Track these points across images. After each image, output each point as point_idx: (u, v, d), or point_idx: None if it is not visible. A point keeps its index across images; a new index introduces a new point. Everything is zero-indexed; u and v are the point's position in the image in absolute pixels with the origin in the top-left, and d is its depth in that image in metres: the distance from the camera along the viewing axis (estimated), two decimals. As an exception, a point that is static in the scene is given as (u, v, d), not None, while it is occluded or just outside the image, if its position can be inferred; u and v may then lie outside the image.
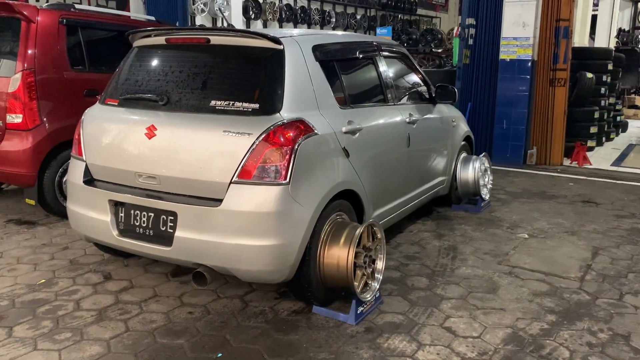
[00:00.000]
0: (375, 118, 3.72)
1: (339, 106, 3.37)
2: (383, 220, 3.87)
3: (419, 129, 4.29)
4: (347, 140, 3.32)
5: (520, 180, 6.82)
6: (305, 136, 2.95)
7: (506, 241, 4.48)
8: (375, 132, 3.66)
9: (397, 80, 4.36)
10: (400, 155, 4.03)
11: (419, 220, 5.01)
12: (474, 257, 4.09)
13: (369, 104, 3.80)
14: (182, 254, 2.97)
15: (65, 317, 3.08)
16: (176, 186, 3.01)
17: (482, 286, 3.58)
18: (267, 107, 2.95)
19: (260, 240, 2.81)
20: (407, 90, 4.50)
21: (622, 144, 9.82)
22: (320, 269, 3.06)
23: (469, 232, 4.68)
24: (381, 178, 3.75)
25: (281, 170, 2.82)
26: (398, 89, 4.23)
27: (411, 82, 4.64)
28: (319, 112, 3.18)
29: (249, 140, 2.83)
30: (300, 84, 3.10)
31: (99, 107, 3.51)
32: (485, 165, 5.45)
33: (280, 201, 2.81)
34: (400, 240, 4.45)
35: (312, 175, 2.97)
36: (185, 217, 2.94)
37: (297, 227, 2.88)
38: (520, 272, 3.82)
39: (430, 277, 3.72)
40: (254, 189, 2.82)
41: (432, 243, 4.40)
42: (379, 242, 3.28)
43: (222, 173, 2.87)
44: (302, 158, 2.90)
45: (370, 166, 3.56)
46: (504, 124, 7.71)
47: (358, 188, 3.39)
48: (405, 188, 4.20)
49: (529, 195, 6.05)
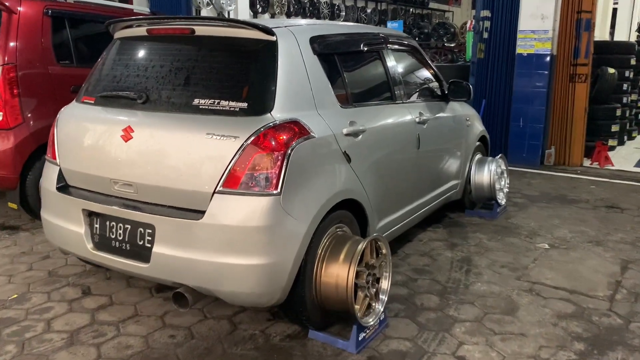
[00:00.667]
0: (381, 118, 3.35)
1: (340, 105, 3.01)
2: (390, 230, 3.50)
3: (430, 129, 3.92)
4: (349, 143, 2.95)
5: (538, 183, 6.41)
6: (299, 139, 2.59)
7: (525, 252, 4.09)
8: (381, 133, 3.29)
9: (406, 75, 3.98)
10: (409, 159, 3.66)
11: (429, 227, 4.64)
12: (490, 271, 3.72)
13: (375, 102, 3.43)
14: (160, 272, 2.64)
15: (33, 341, 2.76)
16: (154, 195, 2.68)
17: (499, 306, 3.21)
18: (257, 107, 2.60)
19: (247, 259, 2.47)
20: (417, 86, 4.12)
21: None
22: (316, 289, 2.71)
23: (484, 242, 4.30)
24: (387, 184, 3.39)
25: (272, 179, 2.47)
26: (407, 85, 3.86)
27: (422, 78, 4.26)
28: (317, 112, 2.82)
29: (236, 144, 2.48)
30: (295, 80, 2.74)
31: (75, 105, 3.18)
32: (502, 168, 5.06)
33: (271, 214, 2.46)
34: (409, 251, 4.08)
35: (308, 183, 2.62)
36: (163, 230, 2.60)
37: (289, 243, 2.53)
38: (542, 289, 3.44)
39: (441, 294, 3.35)
40: (240, 200, 2.47)
41: (443, 254, 4.03)
42: (384, 258, 2.92)
43: (204, 181, 2.52)
44: (296, 164, 2.55)
45: (375, 172, 3.20)
46: (520, 122, 7.29)
47: (361, 197, 3.02)
48: (414, 194, 3.83)
49: (548, 199, 5.65)
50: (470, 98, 4.30)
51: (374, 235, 2.83)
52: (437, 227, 4.65)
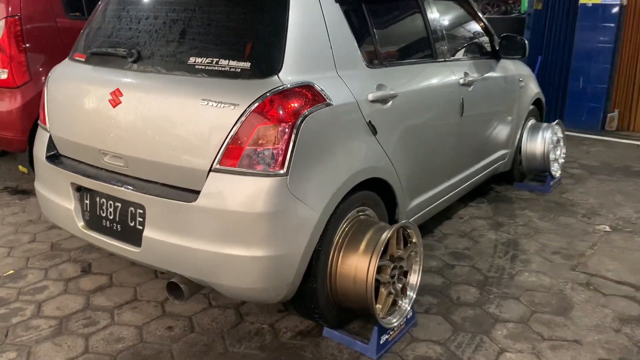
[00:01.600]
0: (417, 80, 2.84)
1: (367, 65, 2.52)
2: (424, 211, 3.05)
3: (477, 92, 3.37)
4: (375, 111, 2.48)
5: (598, 151, 5.75)
6: (313, 108, 2.14)
7: (582, 236, 3.56)
8: (416, 98, 2.79)
9: (450, 29, 3.42)
10: (449, 127, 3.15)
11: (472, 202, 4.14)
12: (539, 258, 3.23)
13: (410, 60, 2.91)
14: (152, 258, 2.30)
15: (18, 328, 2.49)
16: (145, 171, 2.31)
17: (549, 303, 2.74)
18: (262, 68, 2.15)
19: (247, 250, 2.08)
20: (462, 42, 3.56)
21: None
22: (331, 283, 2.32)
23: (534, 221, 3.79)
24: (422, 159, 2.91)
25: (277, 156, 2.05)
26: (451, 40, 3.30)
27: (469, 31, 3.68)
28: (337, 73, 2.35)
29: (235, 113, 2.06)
30: (310, 35, 2.27)
31: (66, 63, 2.81)
32: (558, 135, 4.46)
33: (276, 198, 2.04)
34: (447, 230, 3.62)
35: (322, 161, 2.18)
36: (154, 212, 2.23)
37: (298, 232, 2.12)
38: (602, 283, 2.94)
39: (481, 286, 2.90)
40: (239, 181, 2.07)
41: (486, 235, 3.55)
42: (414, 248, 2.49)
43: (199, 157, 2.12)
44: (308, 138, 2.11)
45: (407, 144, 2.72)
46: (580, 81, 6.56)
47: (388, 175, 2.57)
48: (454, 168, 3.34)
49: (610, 171, 5.02)
50: (525, 55, 3.70)
51: (402, 223, 2.39)
52: (480, 202, 4.15)
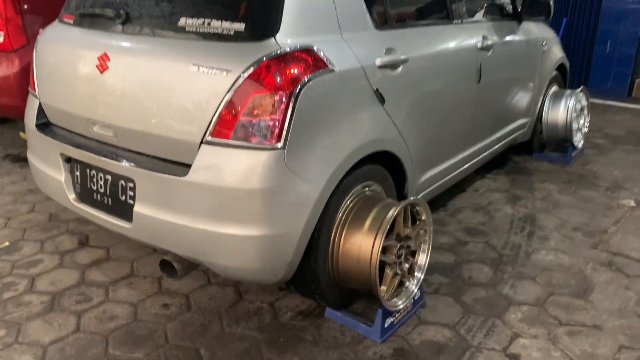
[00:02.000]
0: (431, 43, 2.62)
1: (375, 26, 2.31)
2: (436, 184, 2.87)
3: (496, 56, 3.14)
4: (384, 78, 2.28)
5: (624, 120, 5.46)
6: (313, 74, 1.95)
7: (604, 211, 3.36)
8: (429, 64, 2.57)
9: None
10: (465, 95, 2.93)
11: (488, 174, 3.94)
12: (558, 235, 3.05)
13: (423, 22, 2.68)
14: (144, 235, 2.17)
15: (9, 304, 2.41)
16: (134, 142, 2.16)
17: (568, 284, 2.57)
18: (257, 29, 1.96)
19: (241, 229, 1.94)
20: (482, 2, 3.29)
21: None
22: (334, 263, 2.17)
23: (554, 195, 3.58)
24: (435, 129, 2.72)
25: (274, 128, 1.88)
26: (469, 0, 3.05)
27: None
28: (341, 35, 2.14)
29: (228, 79, 1.89)
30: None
31: (55, 25, 2.65)
32: (582, 104, 4.21)
33: (271, 174, 1.88)
34: (462, 204, 3.44)
35: (323, 133, 2.01)
36: (144, 187, 2.09)
37: (296, 210, 1.97)
38: (625, 263, 2.76)
39: (495, 265, 2.74)
40: (232, 154, 1.91)
41: (502, 210, 3.36)
42: (423, 225, 2.32)
43: (189, 128, 1.96)
44: (307, 108, 1.93)
45: (418, 114, 2.53)
46: (608, 45, 6.21)
47: (397, 148, 2.39)
48: (470, 139, 3.14)
49: (636, 141, 4.76)
50: (550, 16, 3.44)
51: (411, 199, 2.22)
52: (497, 174, 3.95)
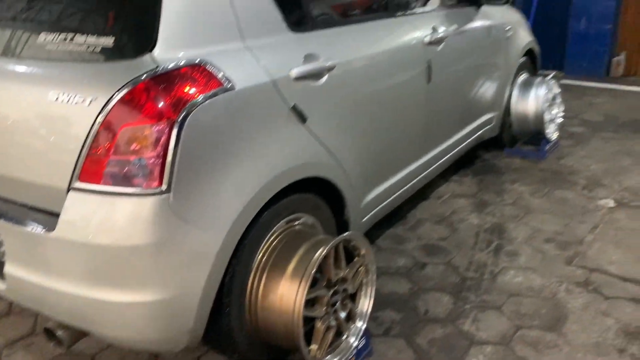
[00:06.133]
0: (364, 44, 2.22)
1: (290, 28, 1.92)
2: (387, 201, 2.51)
3: (449, 50, 2.76)
4: (304, 91, 1.89)
5: (603, 102, 5.12)
6: (203, 96, 1.57)
7: (581, 215, 3.02)
8: (363, 68, 2.18)
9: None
10: (414, 98, 2.56)
11: (454, 175, 3.59)
12: (529, 249, 2.70)
13: (354, 18, 2.29)
14: (19, 297, 1.80)
15: None
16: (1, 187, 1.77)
17: (539, 313, 2.23)
18: (128, 44, 1.57)
19: (124, 294, 1.56)
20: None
21: None
22: (253, 317, 1.81)
23: (526, 198, 3.24)
24: (378, 141, 2.34)
25: (153, 167, 1.50)
26: (414, -13, 2.67)
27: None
28: (244, 43, 1.75)
29: (92, 109, 1.51)
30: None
31: None
32: (554, 92, 3.85)
33: (155, 225, 1.51)
34: (423, 214, 3.09)
35: (222, 167, 1.63)
36: (12, 242, 1.71)
37: (193, 266, 1.60)
38: (603, 281, 2.42)
39: (457, 292, 2.39)
40: (105, 203, 1.53)
41: (468, 220, 3.01)
42: (363, 261, 1.96)
43: (54, 171, 1.59)
44: (198, 139, 1.55)
45: (353, 128, 2.15)
46: (582, 22, 5.86)
47: (329, 170, 2.02)
48: (425, 144, 2.77)
49: (615, 127, 4.42)
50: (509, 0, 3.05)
51: (342, 236, 1.85)
52: (464, 175, 3.60)
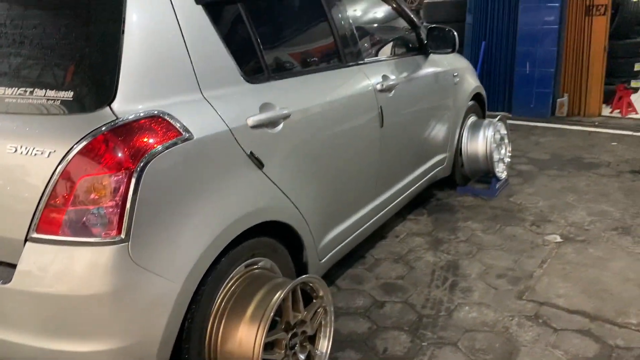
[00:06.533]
0: (318, 92, 2.33)
1: (247, 79, 2.01)
2: (345, 241, 2.58)
3: (400, 96, 2.91)
4: (260, 138, 1.97)
5: (549, 141, 5.40)
6: (162, 146, 1.62)
7: (530, 250, 3.16)
8: (317, 115, 2.29)
9: (365, 25, 2.95)
10: (367, 142, 2.67)
11: (410, 214, 3.70)
12: (482, 285, 2.80)
13: (308, 69, 2.41)
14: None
15: None
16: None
17: (492, 348, 2.31)
18: (88, 97, 1.62)
19: (83, 344, 1.56)
20: (381, 39, 3.08)
21: (671, 80, 8.18)
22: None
23: (478, 235, 3.36)
24: (334, 184, 2.43)
25: (112, 217, 1.53)
26: (365, 39, 2.83)
27: (388, 26, 3.21)
28: (202, 94, 1.83)
29: (51, 161, 1.54)
30: (157, 48, 1.74)
31: None
32: (502, 133, 4.06)
33: (115, 273, 1.53)
34: (380, 254, 3.17)
35: (180, 215, 1.67)
36: (-34, 295, 1.70)
37: (152, 313, 1.62)
38: (552, 314, 2.53)
39: (414, 329, 2.45)
40: (63, 253, 1.55)
41: (424, 258, 3.11)
42: (322, 303, 2.01)
43: (12, 222, 1.60)
44: (156, 188, 1.60)
45: (310, 172, 2.23)
46: (527, 66, 6.20)
47: (286, 214, 2.08)
48: (380, 186, 2.88)
49: (561, 164, 4.66)
50: (455, 49, 3.25)
51: (300, 278, 1.91)
52: (420, 214, 3.72)
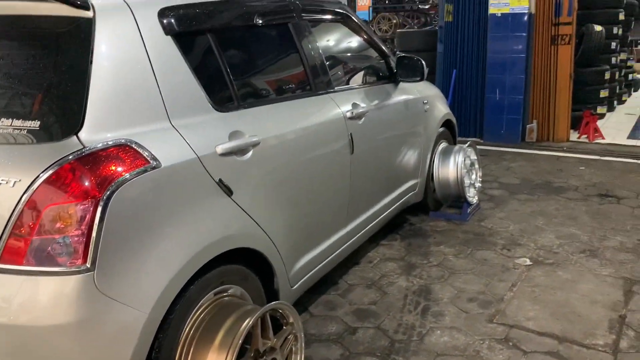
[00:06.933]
0: (288, 120, 2.37)
1: (216, 108, 2.04)
2: (317, 268, 2.60)
3: (370, 123, 2.96)
4: (229, 165, 2.00)
5: (519, 166, 5.51)
6: (129, 175, 1.63)
7: (501, 273, 3.21)
8: (287, 143, 2.32)
9: (334, 55, 3.02)
10: (338, 169, 2.71)
11: (384, 240, 3.73)
12: (454, 309, 2.83)
13: (278, 97, 2.45)
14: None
15: None
16: None
17: (463, 371, 2.33)
18: (55, 126, 1.64)
19: (46, 376, 1.54)
20: (352, 68, 3.16)
21: (637, 107, 8.47)
22: (181, 394, 1.80)
23: (450, 260, 3.41)
24: (305, 211, 2.45)
25: (77, 246, 1.53)
26: (335, 68, 2.89)
27: (358, 56, 3.29)
28: (170, 123, 1.85)
29: (16, 191, 1.54)
30: (126, 78, 1.76)
31: None
32: (472, 158, 4.14)
33: (80, 302, 1.52)
34: (353, 280, 3.18)
35: (148, 242, 1.67)
36: None
37: (119, 342, 1.60)
38: (522, 336, 2.56)
39: (386, 354, 2.46)
40: (28, 283, 1.53)
41: (397, 283, 3.13)
42: (292, 330, 2.01)
43: (-24, 252, 1.58)
44: (123, 217, 1.60)
45: (280, 199, 2.26)
46: (497, 93, 6.36)
47: (256, 240, 2.09)
48: (352, 212, 2.91)
49: (530, 189, 4.76)
50: (423, 78, 3.33)
51: (270, 305, 1.91)
52: (393, 239, 3.75)
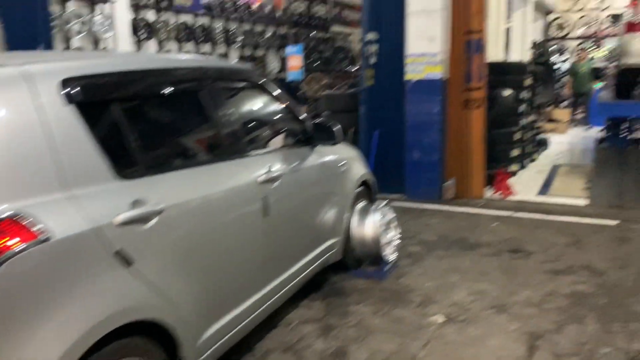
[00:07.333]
0: (195, 187, 2.39)
1: (118, 176, 2.03)
2: (229, 334, 2.56)
3: (285, 186, 3.03)
4: (129, 235, 1.98)
5: (437, 223, 5.72)
6: (15, 249, 1.58)
7: (415, 332, 3.27)
8: (194, 210, 2.33)
9: (249, 121, 3.09)
10: (250, 233, 2.73)
11: (304, 299, 3.73)
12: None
13: (186, 163, 2.48)
14: None
15: None
16: None
17: None
18: None
19: None
20: (266, 133, 3.24)
21: (546, 164, 9.05)
22: None
23: (367, 319, 3.44)
24: (214, 278, 2.44)
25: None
26: (250, 133, 2.96)
27: (275, 120, 3.38)
28: (65, 193, 1.83)
29: None
30: (18, 148, 1.74)
31: None
32: (388, 217, 4.28)
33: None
34: (270, 344, 3.14)
35: (38, 317, 1.61)
36: None
37: None
38: (432, 396, 2.61)
39: (297, 422, 2.42)
40: None
41: (313, 346, 3.12)
42: (193, 403, 1.96)
43: None
44: (10, 291, 1.56)
45: (186, 267, 2.24)
46: (415, 153, 6.64)
47: (158, 311, 2.05)
48: (267, 275, 2.91)
49: (447, 245, 4.94)
50: (336, 142, 3.46)
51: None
52: (313, 299, 3.75)
